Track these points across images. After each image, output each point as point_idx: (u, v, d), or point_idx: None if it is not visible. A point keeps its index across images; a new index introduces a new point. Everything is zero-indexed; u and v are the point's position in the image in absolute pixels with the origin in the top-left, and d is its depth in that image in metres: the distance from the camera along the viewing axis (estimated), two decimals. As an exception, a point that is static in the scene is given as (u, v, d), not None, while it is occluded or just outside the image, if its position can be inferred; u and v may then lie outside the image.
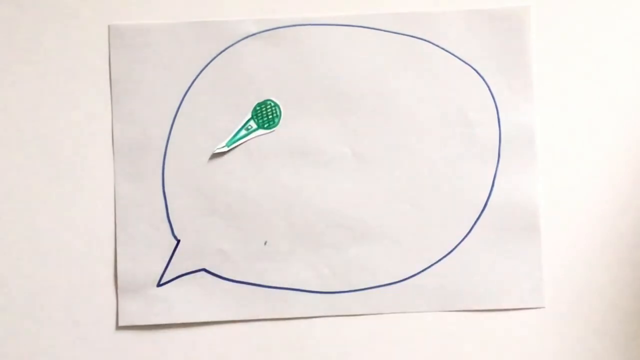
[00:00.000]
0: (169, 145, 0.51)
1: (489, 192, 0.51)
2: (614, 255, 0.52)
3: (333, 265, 0.51)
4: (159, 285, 0.51)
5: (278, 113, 0.51)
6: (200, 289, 0.51)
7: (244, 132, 0.51)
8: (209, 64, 0.51)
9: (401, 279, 0.52)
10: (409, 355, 0.52)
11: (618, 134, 0.52)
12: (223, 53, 0.51)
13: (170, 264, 0.51)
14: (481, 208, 0.52)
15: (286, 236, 0.51)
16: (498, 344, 0.52)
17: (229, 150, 0.51)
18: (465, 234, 0.52)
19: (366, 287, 0.51)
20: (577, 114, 0.52)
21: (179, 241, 0.51)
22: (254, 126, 0.51)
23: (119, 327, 0.51)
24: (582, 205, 0.52)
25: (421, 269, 0.52)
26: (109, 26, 0.51)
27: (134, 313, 0.51)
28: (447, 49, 0.52)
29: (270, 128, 0.51)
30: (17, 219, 0.51)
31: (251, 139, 0.51)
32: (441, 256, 0.52)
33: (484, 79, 0.52)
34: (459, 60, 0.52)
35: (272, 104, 0.51)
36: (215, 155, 0.51)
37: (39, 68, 0.51)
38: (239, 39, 0.51)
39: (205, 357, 0.51)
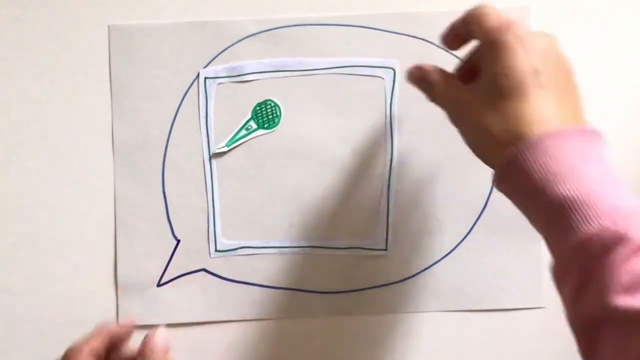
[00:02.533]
0: (169, 145, 0.51)
1: (489, 192, 0.51)
2: (614, 255, 0.52)
3: (333, 264, 0.51)
4: (159, 285, 0.51)
5: (278, 113, 0.51)
6: (200, 289, 0.51)
7: (244, 132, 0.51)
8: (209, 63, 0.51)
9: (401, 278, 0.52)
10: (409, 355, 0.52)
11: (618, 134, 0.52)
12: (223, 53, 0.51)
13: (170, 264, 0.51)
14: (481, 208, 0.52)
15: (286, 236, 0.51)
16: (498, 344, 0.52)
17: (229, 150, 0.51)
18: (465, 234, 0.52)
19: (366, 287, 0.52)
20: (577, 114, 0.52)
21: (179, 241, 0.51)
22: (254, 126, 0.51)
23: (119, 327, 0.51)
24: (582, 205, 0.52)
25: (421, 269, 0.52)
26: (108, 26, 0.51)
27: (134, 313, 0.51)
28: (447, 49, 0.51)
29: (270, 128, 0.51)
30: (16, 219, 0.51)
31: (251, 139, 0.51)
32: (441, 256, 0.52)
33: (484, 79, 0.52)
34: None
35: (272, 104, 0.51)
36: (215, 155, 0.51)
37: (39, 68, 0.51)
38: (239, 39, 0.51)
39: (205, 357, 0.51)
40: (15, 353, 0.51)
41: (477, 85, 0.39)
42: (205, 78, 0.51)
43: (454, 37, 0.43)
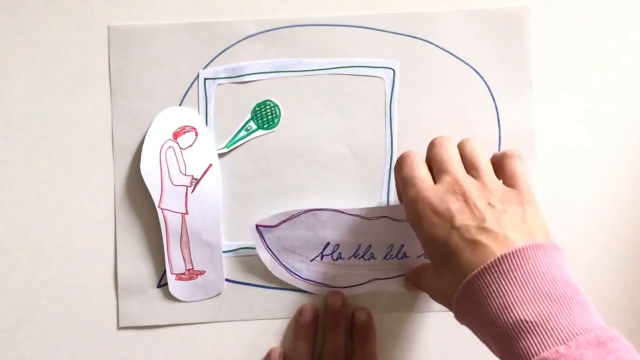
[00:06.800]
0: (168, 146, 0.51)
1: (488, 192, 0.51)
2: (614, 255, 0.52)
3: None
4: (159, 286, 0.51)
5: (278, 113, 0.51)
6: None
7: (243, 132, 0.51)
8: (208, 64, 0.51)
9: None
10: (409, 355, 0.52)
11: (618, 133, 0.52)
12: (222, 54, 0.51)
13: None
14: (481, 208, 0.52)
15: (286, 236, 0.52)
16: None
17: (229, 151, 0.51)
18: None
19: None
20: (577, 114, 0.52)
21: (179, 241, 0.51)
22: (254, 127, 0.51)
23: (119, 328, 0.51)
24: (582, 205, 0.52)
25: (421, 269, 0.52)
26: (108, 26, 0.51)
27: (134, 314, 0.51)
28: (447, 49, 0.52)
29: (270, 128, 0.51)
30: (16, 220, 0.51)
31: (251, 139, 0.51)
32: (441, 256, 0.52)
33: (483, 79, 0.52)
34: (459, 60, 0.52)
35: (272, 104, 0.51)
36: (215, 156, 0.51)
37: (39, 69, 0.51)
38: (238, 39, 0.51)
39: (206, 357, 0.51)
40: (15, 353, 0.51)
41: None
42: (205, 79, 0.51)
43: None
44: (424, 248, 0.40)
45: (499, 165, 0.43)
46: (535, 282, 0.35)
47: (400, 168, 0.42)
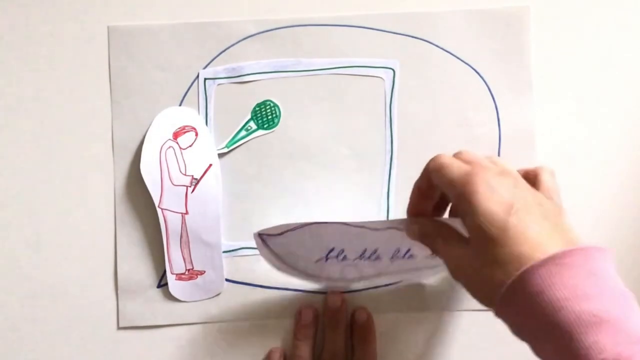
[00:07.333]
0: (168, 146, 0.51)
1: (488, 192, 0.51)
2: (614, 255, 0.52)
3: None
4: (159, 286, 0.51)
5: (277, 113, 0.51)
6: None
7: (243, 132, 0.51)
8: (208, 64, 0.51)
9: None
10: (409, 355, 0.52)
11: (618, 133, 0.52)
12: (222, 54, 0.51)
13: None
14: (481, 208, 0.51)
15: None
16: (498, 344, 0.52)
17: (229, 151, 0.51)
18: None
19: (366, 287, 0.52)
20: (577, 114, 0.52)
21: (179, 241, 0.51)
22: (254, 127, 0.51)
23: (119, 328, 0.51)
24: (581, 205, 0.52)
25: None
26: (108, 27, 0.51)
27: (134, 314, 0.51)
28: (447, 49, 0.52)
29: (270, 128, 0.51)
30: (16, 220, 0.51)
31: (251, 139, 0.51)
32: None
33: (483, 79, 0.52)
34: (459, 60, 0.52)
35: (272, 105, 0.51)
36: (215, 156, 0.51)
37: (39, 69, 0.51)
38: (238, 39, 0.51)
39: (205, 357, 0.51)
40: (15, 353, 0.51)
41: (466, 239, 0.39)
42: (205, 79, 0.51)
43: (420, 196, 0.44)
44: (475, 219, 0.37)
45: (534, 177, 0.42)
46: (599, 282, 0.34)
47: (435, 161, 0.41)
